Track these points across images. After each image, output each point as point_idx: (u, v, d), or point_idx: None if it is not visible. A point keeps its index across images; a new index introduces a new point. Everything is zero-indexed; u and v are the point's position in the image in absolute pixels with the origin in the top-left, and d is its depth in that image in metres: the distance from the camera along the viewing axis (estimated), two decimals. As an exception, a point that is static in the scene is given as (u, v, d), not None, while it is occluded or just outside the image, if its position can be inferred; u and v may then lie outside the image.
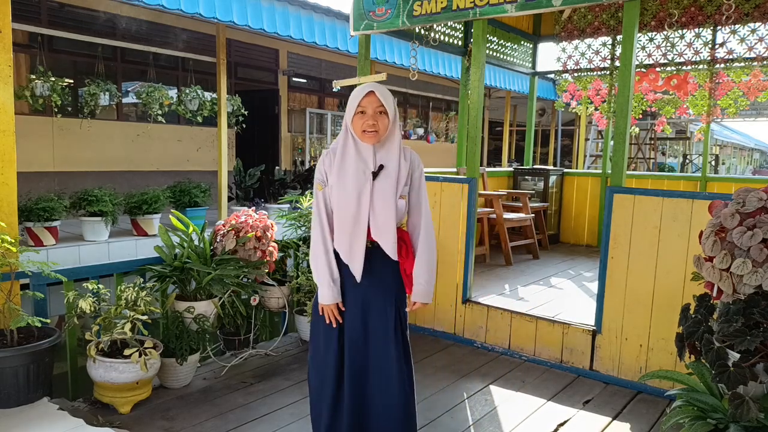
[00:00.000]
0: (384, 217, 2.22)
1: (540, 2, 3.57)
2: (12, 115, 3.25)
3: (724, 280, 2.15)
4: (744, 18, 5.32)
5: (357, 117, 2.22)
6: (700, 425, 2.05)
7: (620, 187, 3.52)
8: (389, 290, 2.30)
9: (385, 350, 2.28)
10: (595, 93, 6.57)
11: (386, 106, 2.22)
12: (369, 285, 2.27)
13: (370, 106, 2.20)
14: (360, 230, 2.22)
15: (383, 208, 2.22)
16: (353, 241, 2.23)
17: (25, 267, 3.11)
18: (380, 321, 2.29)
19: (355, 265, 2.24)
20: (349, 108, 2.25)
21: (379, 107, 2.21)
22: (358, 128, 2.22)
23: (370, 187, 2.21)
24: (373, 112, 2.20)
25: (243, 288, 3.74)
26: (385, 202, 2.22)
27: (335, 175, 2.25)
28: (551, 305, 4.23)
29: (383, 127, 2.22)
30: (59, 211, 6.04)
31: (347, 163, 2.24)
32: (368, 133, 2.21)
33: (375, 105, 2.20)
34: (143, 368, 2.94)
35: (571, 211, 7.12)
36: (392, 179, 2.23)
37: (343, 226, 2.24)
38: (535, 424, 3.04)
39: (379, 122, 2.20)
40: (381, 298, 2.29)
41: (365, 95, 2.22)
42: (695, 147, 19.28)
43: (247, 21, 7.13)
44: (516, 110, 17.80)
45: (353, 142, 2.26)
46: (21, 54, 7.81)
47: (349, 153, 2.25)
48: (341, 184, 2.23)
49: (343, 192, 2.22)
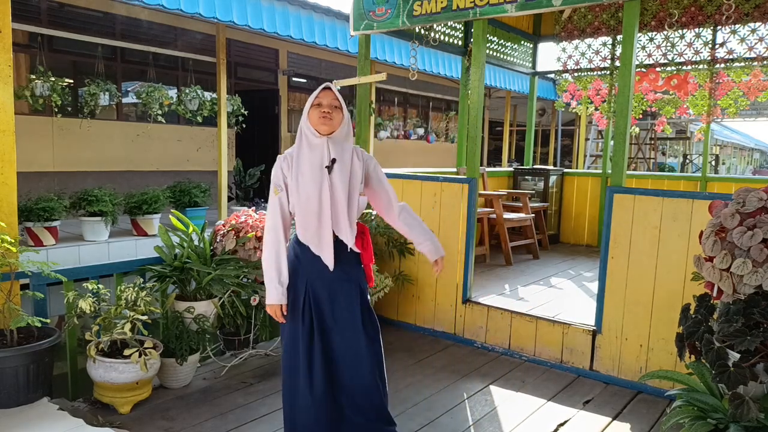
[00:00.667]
0: (343, 210, 2.36)
1: (540, 2, 3.57)
2: (12, 115, 3.25)
3: (724, 280, 2.15)
4: (744, 18, 5.32)
5: (313, 109, 2.35)
6: (700, 425, 2.05)
7: (620, 187, 3.52)
8: (354, 278, 2.45)
9: (355, 335, 2.42)
10: (595, 93, 6.57)
11: (341, 102, 2.38)
12: (335, 274, 2.40)
13: (326, 98, 2.35)
14: (325, 223, 2.35)
15: (341, 202, 2.35)
16: (321, 233, 2.36)
17: (25, 267, 3.11)
18: (348, 308, 2.42)
19: (326, 255, 2.37)
20: (307, 105, 2.38)
21: (334, 101, 2.35)
22: (314, 119, 2.33)
23: (328, 181, 2.33)
24: (329, 104, 2.34)
25: (243, 288, 3.74)
26: (343, 195, 2.35)
27: (294, 175, 2.36)
28: (551, 305, 4.23)
29: (337, 119, 2.35)
30: (59, 211, 6.04)
31: (303, 162, 2.36)
32: (323, 119, 2.32)
33: (331, 98, 2.35)
34: (143, 368, 2.94)
35: (571, 211, 7.12)
36: (348, 173, 2.37)
37: (308, 222, 2.36)
38: (535, 424, 3.04)
39: (333, 114, 2.34)
40: (347, 286, 2.43)
41: (322, 90, 2.37)
42: (695, 147, 19.29)
43: (247, 21, 7.13)
44: (516, 110, 17.80)
45: (306, 142, 2.37)
46: (21, 54, 7.81)
47: (303, 152, 2.37)
48: (301, 182, 2.34)
49: (304, 190, 2.34)
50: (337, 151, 2.36)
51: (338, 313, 2.41)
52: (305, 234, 2.38)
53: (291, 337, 2.43)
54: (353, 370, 2.42)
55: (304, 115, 2.38)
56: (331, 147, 2.35)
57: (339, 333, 2.41)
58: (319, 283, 2.39)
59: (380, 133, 12.10)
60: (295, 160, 2.37)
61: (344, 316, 2.41)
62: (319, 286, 2.40)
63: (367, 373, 2.43)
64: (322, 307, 2.40)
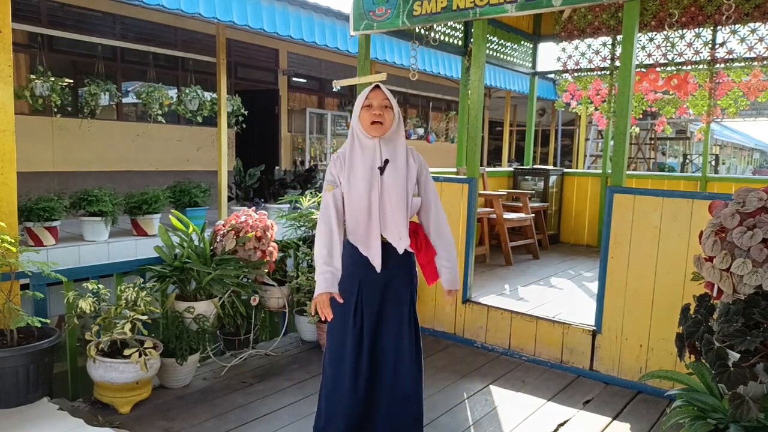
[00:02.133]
0: (392, 212, 2.32)
1: (540, 2, 3.57)
2: (12, 114, 3.25)
3: (724, 280, 2.15)
4: (744, 18, 5.32)
5: (364, 111, 2.33)
6: (700, 425, 2.05)
7: (620, 187, 3.52)
8: (405, 280, 2.45)
9: (399, 336, 2.41)
10: (595, 93, 6.57)
11: (391, 101, 2.34)
12: (386, 275, 2.38)
13: (376, 99, 2.32)
14: (374, 224, 2.33)
15: (393, 204, 2.32)
16: (369, 235, 2.34)
17: (25, 267, 3.11)
18: (396, 309, 2.42)
19: (374, 257, 2.35)
20: (356, 106, 2.36)
21: (384, 100, 2.33)
22: (365, 121, 2.32)
23: (378, 182, 2.31)
24: (379, 105, 2.31)
25: (243, 288, 3.74)
26: (396, 197, 2.31)
27: (346, 176, 2.34)
28: (551, 305, 4.23)
29: (389, 120, 2.33)
30: (59, 211, 6.03)
31: (355, 162, 2.34)
32: (375, 125, 2.30)
33: (381, 98, 2.33)
34: (143, 368, 2.94)
35: (571, 211, 7.12)
36: (401, 175, 2.33)
37: (358, 222, 2.35)
38: (535, 424, 3.04)
39: (385, 114, 2.31)
40: (397, 288, 2.42)
41: (372, 89, 2.35)
42: (695, 147, 19.28)
43: (247, 21, 7.13)
44: (516, 110, 17.79)
45: (359, 143, 2.36)
46: (21, 54, 7.81)
47: (356, 153, 2.35)
48: (352, 182, 2.33)
49: (355, 190, 2.32)
50: (390, 152, 2.34)
51: (387, 317, 2.40)
52: (354, 235, 2.37)
53: (339, 337, 2.42)
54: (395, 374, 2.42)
55: (355, 116, 2.36)
56: (384, 147, 2.33)
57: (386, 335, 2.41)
58: (371, 285, 2.38)
59: (380, 133, 12.09)
60: (347, 160, 2.35)
61: (392, 320, 2.41)
62: (371, 287, 2.39)
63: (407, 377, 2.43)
64: (372, 309, 2.39)
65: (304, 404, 3.19)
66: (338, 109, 13.14)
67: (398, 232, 2.34)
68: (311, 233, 4.46)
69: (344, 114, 12.92)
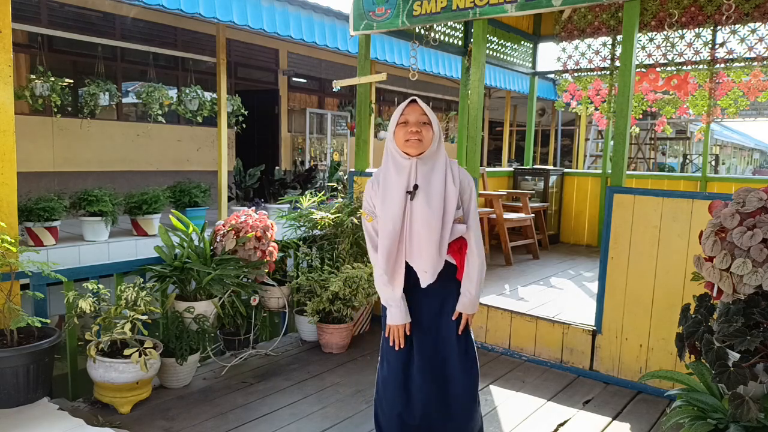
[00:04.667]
0: (420, 242, 2.15)
1: (540, 2, 3.57)
2: (12, 115, 3.25)
3: (724, 280, 2.15)
4: (744, 18, 5.32)
5: (399, 128, 2.15)
6: (700, 425, 2.05)
7: (620, 187, 3.52)
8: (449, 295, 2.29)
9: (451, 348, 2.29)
10: (595, 93, 6.57)
11: (430, 116, 2.16)
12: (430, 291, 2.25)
13: (413, 114, 2.14)
14: (400, 253, 2.18)
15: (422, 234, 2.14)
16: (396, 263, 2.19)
17: (25, 267, 3.11)
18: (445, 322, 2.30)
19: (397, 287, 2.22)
20: (392, 122, 2.18)
21: (422, 116, 2.14)
22: (400, 139, 2.14)
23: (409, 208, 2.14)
24: (416, 121, 2.13)
25: (243, 288, 3.74)
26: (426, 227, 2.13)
27: (380, 199, 2.20)
28: (551, 305, 4.23)
29: (428, 138, 2.14)
30: (59, 211, 6.04)
31: (390, 186, 2.18)
32: (411, 142, 2.12)
33: (418, 113, 2.14)
34: (143, 368, 2.94)
35: (571, 211, 7.12)
36: (436, 201, 2.14)
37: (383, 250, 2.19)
38: (535, 424, 3.04)
39: (423, 132, 2.12)
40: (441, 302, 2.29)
41: (408, 104, 2.16)
42: (695, 147, 19.28)
43: (247, 21, 7.13)
44: (516, 110, 17.80)
45: (393, 163, 2.18)
46: (21, 54, 7.81)
47: (390, 174, 2.18)
48: (386, 205, 2.18)
49: (387, 215, 2.17)
50: (425, 174, 2.14)
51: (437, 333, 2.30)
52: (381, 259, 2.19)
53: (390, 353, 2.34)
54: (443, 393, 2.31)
55: (390, 134, 2.18)
56: (419, 169, 2.14)
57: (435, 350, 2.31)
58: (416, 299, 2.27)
59: (380, 133, 12.10)
60: (382, 183, 2.19)
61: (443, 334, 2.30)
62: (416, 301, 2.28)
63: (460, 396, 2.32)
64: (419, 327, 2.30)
65: (304, 404, 3.19)
66: (338, 109, 13.14)
67: (425, 264, 2.17)
68: (311, 233, 4.46)
69: (344, 114, 12.92)
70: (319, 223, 4.38)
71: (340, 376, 3.60)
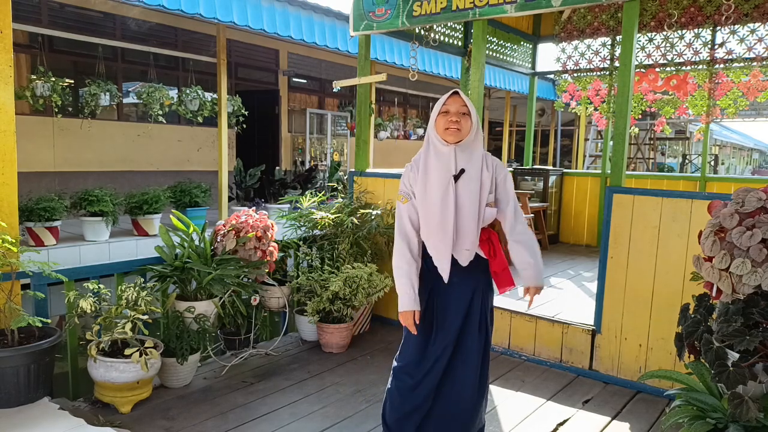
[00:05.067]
0: (464, 222, 2.28)
1: (539, 3, 3.58)
2: (12, 115, 3.26)
3: (723, 280, 2.16)
4: (743, 18, 5.33)
5: (440, 117, 2.28)
6: (699, 425, 2.05)
7: (620, 187, 3.52)
8: (478, 288, 2.40)
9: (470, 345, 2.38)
10: (595, 93, 6.58)
11: (470, 107, 2.29)
12: (458, 284, 2.35)
13: (454, 105, 2.27)
14: (447, 234, 2.27)
15: (466, 214, 2.27)
16: (442, 245, 2.29)
17: (25, 267, 3.11)
18: (469, 317, 2.39)
19: (444, 267, 2.31)
20: (434, 111, 2.31)
21: (462, 107, 2.27)
22: (441, 127, 2.27)
23: (453, 190, 2.26)
24: (457, 111, 2.26)
25: (243, 288, 3.74)
26: (468, 207, 2.27)
27: (421, 183, 2.30)
28: (551, 305, 4.23)
29: (466, 127, 2.27)
30: (60, 211, 6.04)
31: (430, 170, 2.30)
32: (451, 130, 2.25)
33: (459, 104, 2.27)
34: (144, 368, 2.95)
35: (571, 211, 7.13)
36: (475, 185, 2.28)
37: (430, 231, 2.30)
38: (535, 424, 3.04)
39: (462, 122, 2.25)
40: (470, 296, 2.38)
41: (450, 95, 2.30)
42: (695, 147, 19.28)
43: (248, 21, 7.13)
44: (516, 110, 17.80)
45: (434, 149, 2.31)
46: (21, 54, 7.81)
47: (431, 160, 2.31)
48: (428, 190, 2.28)
49: (429, 199, 2.28)
50: (465, 160, 2.28)
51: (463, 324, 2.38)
52: (428, 245, 2.33)
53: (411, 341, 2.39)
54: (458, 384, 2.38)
55: (431, 122, 2.31)
56: (459, 155, 2.28)
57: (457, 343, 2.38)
58: (443, 294, 2.36)
59: (380, 134, 12.11)
60: (422, 168, 2.31)
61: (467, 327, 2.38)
62: (443, 296, 2.36)
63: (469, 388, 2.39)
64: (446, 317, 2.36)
65: (304, 404, 3.19)
66: (338, 110, 13.14)
67: (467, 243, 2.30)
68: (311, 233, 4.47)
69: (344, 114, 12.92)
70: (319, 223, 4.38)
71: (340, 375, 3.60)
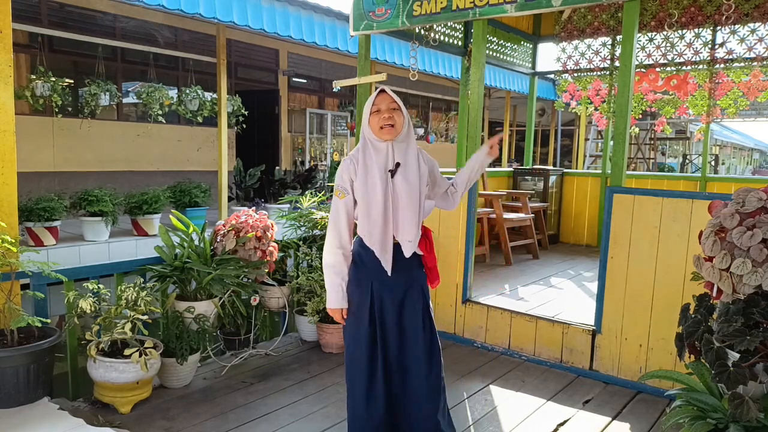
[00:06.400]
0: (405, 214, 2.32)
1: (540, 2, 3.58)
2: (12, 115, 3.26)
3: (723, 280, 2.15)
4: (744, 18, 5.32)
5: (373, 116, 2.32)
6: (699, 425, 2.05)
7: (620, 187, 3.52)
8: (416, 283, 2.42)
9: (416, 340, 2.39)
10: (595, 93, 6.57)
11: (399, 103, 2.33)
12: (396, 279, 2.37)
13: (384, 102, 2.31)
14: (389, 227, 2.32)
15: (405, 207, 2.32)
16: (384, 238, 2.32)
17: (25, 267, 3.11)
18: (412, 312, 2.40)
19: (386, 260, 2.34)
20: (365, 111, 2.35)
21: (392, 104, 2.31)
22: (375, 126, 2.31)
23: (391, 185, 2.31)
24: (387, 108, 2.30)
25: (243, 288, 3.74)
26: (407, 199, 2.31)
27: (360, 179, 2.31)
28: (551, 305, 4.23)
29: (399, 122, 2.32)
30: (59, 211, 6.04)
31: (369, 165, 2.33)
32: (386, 128, 2.29)
33: (388, 101, 2.31)
34: (143, 368, 2.95)
35: (571, 211, 7.12)
36: (413, 177, 2.33)
37: (373, 225, 2.32)
38: (535, 424, 3.04)
39: (395, 117, 2.30)
40: (408, 291, 2.40)
41: (377, 94, 2.34)
42: (695, 147, 19.28)
43: (248, 21, 7.13)
44: (516, 110, 17.80)
45: (371, 146, 2.35)
46: (21, 54, 7.81)
47: (369, 156, 2.34)
48: (368, 184, 2.31)
49: (371, 193, 2.30)
50: (401, 154, 2.33)
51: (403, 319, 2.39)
52: (370, 238, 2.33)
53: (353, 339, 2.40)
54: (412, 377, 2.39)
55: (365, 122, 2.34)
56: (396, 149, 2.33)
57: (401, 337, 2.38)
58: (384, 287, 2.36)
59: (380, 133, 12.10)
60: (361, 163, 2.33)
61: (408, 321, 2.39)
62: (385, 289, 2.36)
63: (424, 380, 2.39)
64: (386, 311, 2.37)
65: (304, 404, 3.19)
66: (338, 110, 13.14)
67: (409, 234, 2.34)
68: (311, 233, 4.46)
69: (344, 114, 12.92)
70: (319, 223, 4.38)
71: (340, 375, 3.60)
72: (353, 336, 2.40)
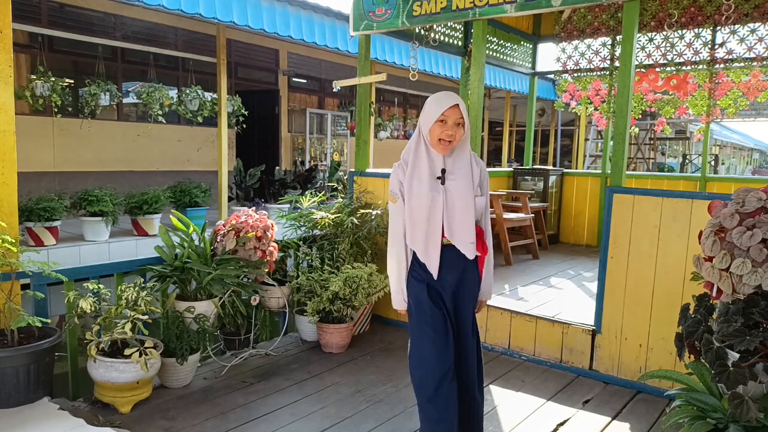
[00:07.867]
0: (460, 217, 2.32)
1: (540, 2, 3.58)
2: (12, 115, 3.26)
3: (723, 280, 2.16)
4: (743, 18, 5.33)
5: (437, 125, 2.28)
6: (699, 425, 2.05)
7: (620, 187, 3.52)
8: (470, 285, 2.44)
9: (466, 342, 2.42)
10: (595, 93, 6.58)
11: (465, 120, 2.31)
12: (450, 281, 2.39)
13: (453, 116, 2.27)
14: (434, 230, 2.31)
15: (459, 208, 2.32)
16: (428, 240, 2.32)
17: (25, 267, 3.11)
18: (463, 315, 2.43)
19: (432, 265, 2.34)
20: (430, 114, 2.30)
21: (459, 119, 2.28)
22: (435, 136, 2.29)
23: (442, 189, 2.31)
24: (453, 124, 2.28)
25: (243, 288, 3.74)
26: (460, 201, 2.32)
27: (408, 182, 2.33)
28: (551, 305, 4.23)
29: (458, 137, 2.30)
30: (60, 211, 6.04)
31: (420, 167, 2.33)
32: (443, 143, 2.28)
33: (457, 116, 2.27)
34: (143, 368, 2.95)
35: (571, 211, 7.12)
36: (465, 179, 2.33)
37: (416, 227, 2.33)
38: (535, 424, 3.04)
39: (456, 134, 2.29)
40: (463, 293, 2.42)
41: (450, 107, 2.27)
42: (695, 147, 19.28)
43: (248, 21, 7.13)
44: (516, 110, 17.80)
45: (425, 149, 2.34)
46: (21, 54, 7.81)
47: (421, 158, 2.34)
48: (416, 188, 2.32)
49: (417, 195, 2.31)
50: (452, 161, 2.34)
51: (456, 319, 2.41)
52: (412, 240, 2.35)
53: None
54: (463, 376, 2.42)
55: (426, 125, 2.30)
56: (447, 160, 2.33)
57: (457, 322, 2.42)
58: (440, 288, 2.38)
59: (380, 133, 12.10)
60: (410, 166, 2.34)
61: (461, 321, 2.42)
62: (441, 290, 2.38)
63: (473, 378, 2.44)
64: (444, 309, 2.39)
65: (304, 404, 3.19)
66: (338, 110, 13.14)
67: (468, 236, 2.34)
68: (311, 233, 4.46)
69: (344, 114, 12.92)
70: (319, 223, 4.38)
71: (340, 375, 3.60)
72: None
